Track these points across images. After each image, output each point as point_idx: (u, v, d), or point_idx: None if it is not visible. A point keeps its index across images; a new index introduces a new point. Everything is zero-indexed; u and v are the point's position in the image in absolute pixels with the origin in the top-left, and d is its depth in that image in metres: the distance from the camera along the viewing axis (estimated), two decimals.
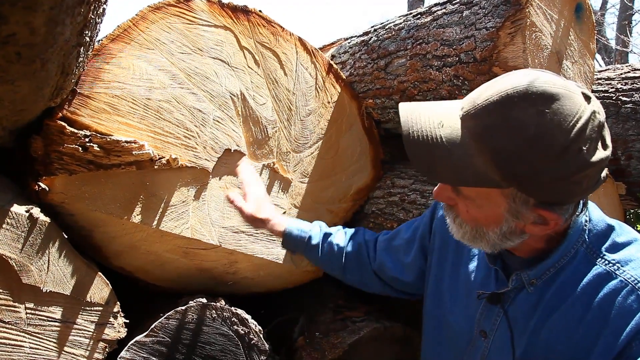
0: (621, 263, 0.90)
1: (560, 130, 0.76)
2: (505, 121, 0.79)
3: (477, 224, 0.92)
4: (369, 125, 2.02)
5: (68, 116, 1.25)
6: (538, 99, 0.77)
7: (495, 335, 1.02)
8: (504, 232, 0.89)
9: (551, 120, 0.76)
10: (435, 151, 0.85)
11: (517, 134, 0.78)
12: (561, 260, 0.93)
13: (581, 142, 0.77)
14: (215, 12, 1.52)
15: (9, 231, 1.15)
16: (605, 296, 0.88)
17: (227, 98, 1.56)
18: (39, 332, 1.22)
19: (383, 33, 1.95)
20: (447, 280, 1.17)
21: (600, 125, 0.80)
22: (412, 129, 0.87)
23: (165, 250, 1.50)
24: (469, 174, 0.83)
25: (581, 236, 0.94)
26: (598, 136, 0.79)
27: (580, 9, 1.72)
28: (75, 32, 0.92)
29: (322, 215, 1.89)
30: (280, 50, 1.70)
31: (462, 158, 0.83)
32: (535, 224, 0.87)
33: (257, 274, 1.75)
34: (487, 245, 0.94)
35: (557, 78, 0.80)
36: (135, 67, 1.36)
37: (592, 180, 0.83)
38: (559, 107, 0.76)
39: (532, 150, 0.77)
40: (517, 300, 0.99)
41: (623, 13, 10.66)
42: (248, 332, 1.50)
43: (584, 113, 0.77)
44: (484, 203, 0.88)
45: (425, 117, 0.88)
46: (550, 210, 0.85)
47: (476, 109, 0.82)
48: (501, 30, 1.50)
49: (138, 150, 1.32)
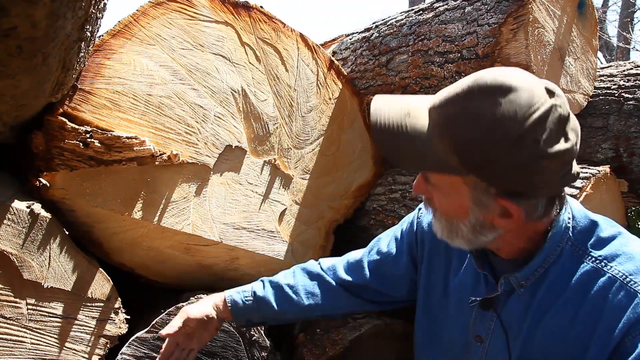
0: (608, 259, 0.90)
1: (515, 120, 0.78)
2: (464, 111, 0.83)
3: (449, 216, 0.94)
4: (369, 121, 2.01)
5: (69, 112, 1.25)
6: (496, 91, 0.80)
7: (491, 339, 1.02)
8: (473, 224, 0.91)
9: (507, 110, 0.79)
10: (399, 138, 0.89)
11: (473, 123, 0.81)
12: (547, 260, 0.93)
13: (537, 132, 0.78)
14: (217, 7, 1.52)
15: (10, 227, 1.15)
16: (595, 293, 0.89)
17: (228, 94, 1.56)
18: (40, 328, 1.22)
19: (385, 29, 1.94)
20: (436, 290, 1.17)
21: (562, 118, 0.81)
22: (380, 117, 0.91)
23: (166, 246, 1.50)
24: (431, 161, 0.87)
25: (565, 234, 0.94)
26: (558, 129, 0.80)
27: (583, 5, 1.72)
28: (77, 27, 0.92)
29: (323, 212, 1.89)
30: (282, 47, 1.70)
31: (424, 145, 0.87)
32: (501, 216, 0.88)
33: (258, 271, 1.75)
34: (463, 241, 0.95)
35: (523, 73, 0.83)
36: (136, 63, 1.35)
37: (554, 174, 0.83)
38: (515, 98, 0.79)
39: (487, 138, 0.80)
40: (509, 303, 0.99)
41: (625, 10, 10.63)
42: (249, 328, 1.50)
43: (542, 105, 0.79)
44: (450, 192, 0.91)
45: (395, 108, 0.92)
46: (512, 202, 0.85)
47: (441, 100, 0.87)
48: (504, 27, 1.50)
49: (139, 146, 1.32)
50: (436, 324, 1.15)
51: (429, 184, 0.94)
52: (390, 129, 0.89)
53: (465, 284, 1.09)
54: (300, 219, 1.81)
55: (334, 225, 1.97)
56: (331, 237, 1.95)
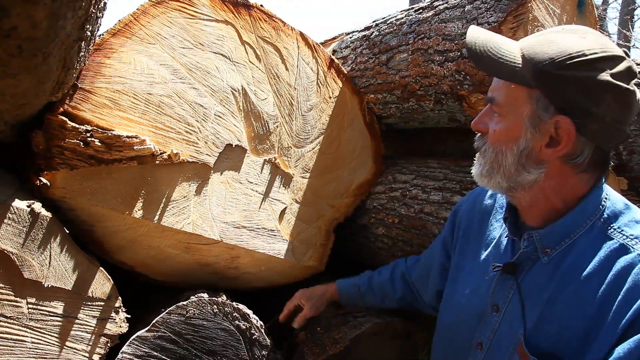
0: (639, 238, 0.91)
1: (594, 48, 0.89)
2: (551, 37, 0.94)
3: (499, 143, 0.99)
4: (370, 120, 2.02)
5: (69, 111, 1.25)
6: (586, 32, 0.93)
7: (507, 308, 1.03)
8: (521, 151, 0.96)
9: (588, 42, 0.90)
10: (488, 44, 0.99)
11: (556, 44, 0.92)
12: (577, 231, 0.95)
13: (606, 64, 0.88)
14: (217, 6, 1.51)
15: (11, 226, 1.15)
16: (621, 269, 0.89)
17: (229, 93, 1.56)
18: (41, 327, 1.23)
19: (385, 28, 1.94)
20: (466, 267, 1.19)
21: (631, 70, 0.90)
22: (477, 31, 1.04)
23: (166, 245, 1.50)
24: (508, 68, 0.96)
25: (598, 210, 0.95)
26: (625, 74, 0.89)
27: (583, 4, 1.71)
28: (77, 26, 0.92)
29: (323, 210, 1.89)
30: (282, 45, 1.70)
31: (507, 54, 0.97)
32: (549, 145, 0.93)
33: (259, 269, 1.75)
34: (504, 177, 0.99)
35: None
36: (136, 62, 1.35)
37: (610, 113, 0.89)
38: (598, 39, 0.91)
39: (562, 54, 0.89)
40: (532, 271, 1.00)
41: (625, 8, 10.62)
42: (249, 327, 1.51)
43: (620, 54, 0.90)
44: (510, 111, 0.97)
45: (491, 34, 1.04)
46: (567, 116, 0.90)
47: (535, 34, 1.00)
48: (503, 25, 1.49)
49: (139, 145, 1.32)
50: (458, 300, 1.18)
51: (494, 104, 1.00)
52: (484, 38, 1.01)
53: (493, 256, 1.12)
54: (300, 218, 1.81)
55: (335, 223, 1.97)
56: (331, 236, 1.95)
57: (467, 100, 1.64)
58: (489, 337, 1.05)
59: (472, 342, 1.10)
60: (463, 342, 1.13)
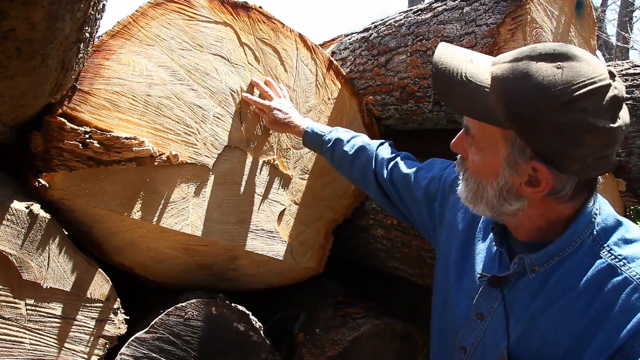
0: (627, 259, 0.89)
1: (570, 84, 0.81)
2: (525, 68, 0.85)
3: (479, 176, 0.96)
4: (369, 121, 2.02)
5: (68, 112, 1.25)
6: (560, 56, 0.83)
7: (492, 318, 1.03)
8: (501, 187, 0.93)
9: (565, 75, 0.82)
10: (456, 79, 0.92)
11: (530, 79, 0.84)
12: (566, 249, 0.93)
13: (587, 103, 0.80)
14: (216, 8, 1.52)
15: (9, 227, 1.15)
16: (608, 292, 0.88)
17: (228, 94, 1.56)
18: (40, 329, 1.23)
19: (383, 29, 1.94)
20: (454, 258, 1.18)
21: (616, 100, 0.82)
22: (443, 57, 0.96)
23: (165, 246, 1.50)
24: (478, 107, 0.90)
25: (588, 227, 0.93)
26: (609, 108, 0.81)
27: (581, 6, 1.72)
28: (75, 28, 0.92)
29: (322, 212, 1.89)
30: (281, 47, 1.70)
31: (477, 92, 0.90)
32: (528, 184, 0.89)
33: (257, 271, 1.76)
34: (487, 207, 0.97)
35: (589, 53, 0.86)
36: (135, 64, 1.36)
37: (592, 152, 0.83)
38: (577, 66, 0.82)
39: (538, 94, 0.82)
40: (518, 285, 0.99)
41: (624, 9, 10.64)
42: (248, 329, 1.51)
43: (601, 80, 0.81)
44: (486, 146, 0.93)
45: (459, 53, 0.97)
46: (544, 165, 0.86)
47: (506, 56, 0.91)
48: (502, 27, 1.50)
49: (138, 147, 1.32)
50: (449, 293, 1.17)
51: (469, 135, 0.96)
52: (450, 69, 0.93)
53: (481, 259, 1.11)
54: (299, 219, 1.81)
55: (334, 225, 1.97)
56: (330, 237, 1.95)
57: None
58: (474, 344, 1.06)
59: (456, 345, 1.10)
60: (451, 344, 1.14)
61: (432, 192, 1.29)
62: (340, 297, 1.94)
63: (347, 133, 1.51)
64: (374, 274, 2.30)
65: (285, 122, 1.57)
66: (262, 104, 1.58)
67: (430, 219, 1.29)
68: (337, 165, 1.52)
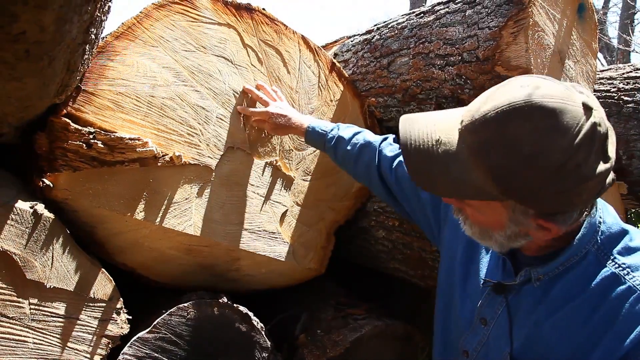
0: (631, 268, 0.89)
1: (556, 148, 0.76)
2: (501, 138, 0.79)
3: (483, 227, 0.94)
4: (371, 123, 2.02)
5: (72, 113, 1.26)
6: (534, 115, 0.77)
7: (495, 324, 1.03)
8: (509, 235, 0.91)
9: (547, 137, 0.76)
10: (434, 167, 0.88)
11: (512, 152, 0.78)
12: (570, 259, 0.93)
13: (579, 158, 0.76)
14: (219, 10, 1.52)
15: (13, 227, 1.16)
16: (612, 300, 0.88)
17: (231, 96, 1.56)
18: (43, 328, 1.23)
19: (386, 32, 1.95)
20: (459, 259, 1.18)
21: (602, 137, 0.78)
22: (410, 147, 0.90)
23: (168, 247, 1.51)
24: (469, 188, 0.86)
25: (593, 237, 0.93)
26: (599, 150, 0.79)
27: (583, 9, 1.72)
28: (82, 30, 0.92)
29: (324, 213, 1.90)
30: (284, 49, 1.71)
31: (460, 173, 0.85)
32: (537, 230, 0.88)
33: (259, 272, 1.76)
34: (496, 244, 0.95)
35: (557, 87, 0.79)
36: (139, 65, 1.36)
37: (594, 190, 0.83)
38: (556, 123, 0.76)
39: (527, 167, 0.78)
40: (522, 292, 1.00)
41: (625, 12, 10.64)
42: (250, 329, 1.51)
43: (582, 127, 0.76)
44: (486, 211, 0.91)
45: (424, 133, 0.90)
46: (550, 221, 0.85)
47: (474, 124, 0.83)
48: (504, 30, 1.50)
49: (142, 148, 1.33)
50: (453, 295, 1.17)
51: (466, 203, 0.93)
52: (423, 160, 0.89)
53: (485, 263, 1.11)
54: (301, 220, 1.82)
55: (335, 226, 1.97)
56: (332, 238, 1.96)
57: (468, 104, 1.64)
58: (476, 348, 1.07)
59: (459, 348, 1.11)
60: (454, 347, 1.14)
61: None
62: (342, 298, 1.94)
63: (350, 129, 1.49)
64: (375, 275, 2.31)
65: (286, 125, 1.55)
66: (260, 112, 1.56)
67: (435, 219, 1.29)
68: (340, 163, 1.52)
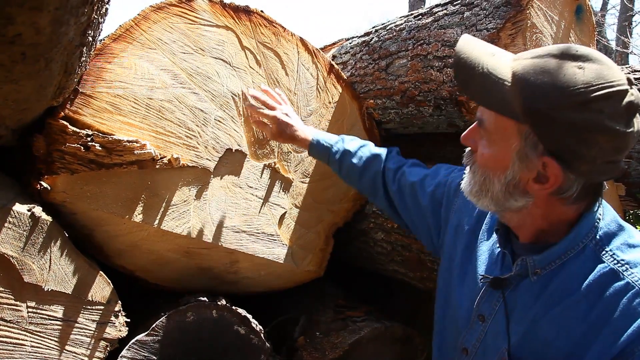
0: (630, 264, 0.89)
1: (589, 84, 0.82)
2: (546, 65, 0.87)
3: (486, 169, 0.97)
4: (369, 125, 2.02)
5: (70, 115, 1.26)
6: (583, 57, 0.85)
7: (493, 320, 1.03)
8: (508, 181, 0.93)
9: (585, 75, 0.83)
10: (476, 70, 0.93)
11: (550, 76, 0.85)
12: (568, 253, 0.94)
13: (604, 105, 0.82)
14: (217, 12, 1.52)
15: (11, 230, 1.16)
16: (610, 296, 0.88)
17: (229, 98, 1.56)
18: (41, 331, 1.23)
19: (384, 34, 1.95)
20: (458, 260, 1.18)
21: (632, 106, 0.83)
22: (466, 47, 0.97)
23: (166, 249, 1.51)
24: (496, 99, 0.91)
25: (591, 231, 0.94)
26: (624, 113, 0.83)
27: (581, 11, 1.73)
28: (79, 32, 0.92)
29: (323, 215, 1.90)
30: (282, 51, 1.71)
31: (496, 84, 0.91)
32: (536, 180, 0.90)
33: (258, 274, 1.76)
34: (491, 201, 0.97)
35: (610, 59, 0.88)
36: (137, 67, 1.36)
37: (602, 154, 0.84)
38: (597, 69, 0.84)
39: (557, 92, 0.84)
40: (519, 288, 1.00)
41: (623, 14, 10.67)
42: (249, 332, 1.51)
43: (619, 85, 0.83)
44: (498, 139, 0.94)
45: (482, 46, 0.98)
46: (554, 160, 0.87)
47: (528, 53, 0.92)
48: (502, 32, 1.50)
49: (140, 150, 1.33)
50: (451, 294, 1.17)
51: (483, 127, 0.97)
52: (472, 60, 0.94)
53: (484, 261, 1.11)
54: (300, 223, 1.82)
55: (334, 228, 1.97)
56: (331, 241, 1.95)
57: (466, 106, 1.64)
58: (475, 345, 1.07)
59: (458, 346, 1.11)
60: (452, 346, 1.14)
61: (437, 197, 1.29)
62: (341, 301, 1.94)
63: (354, 142, 1.49)
64: (374, 277, 2.31)
65: (291, 136, 1.51)
66: (268, 115, 1.52)
67: (435, 225, 1.30)
68: (345, 177, 1.51)
